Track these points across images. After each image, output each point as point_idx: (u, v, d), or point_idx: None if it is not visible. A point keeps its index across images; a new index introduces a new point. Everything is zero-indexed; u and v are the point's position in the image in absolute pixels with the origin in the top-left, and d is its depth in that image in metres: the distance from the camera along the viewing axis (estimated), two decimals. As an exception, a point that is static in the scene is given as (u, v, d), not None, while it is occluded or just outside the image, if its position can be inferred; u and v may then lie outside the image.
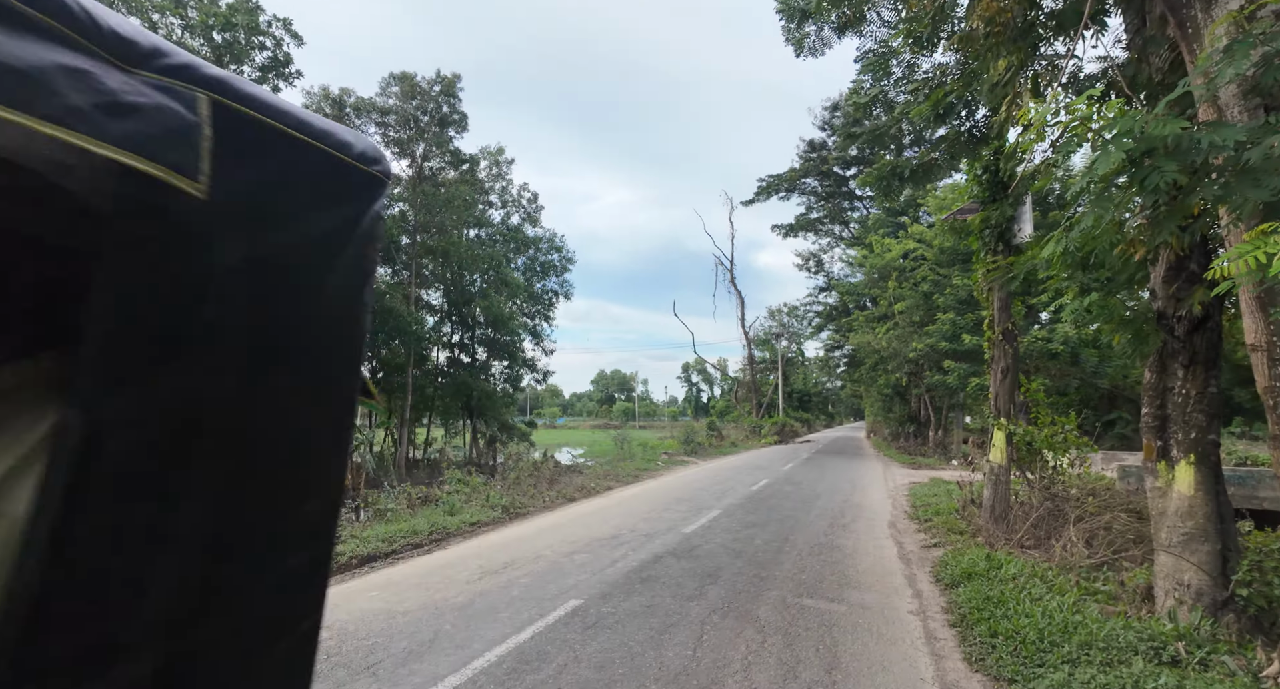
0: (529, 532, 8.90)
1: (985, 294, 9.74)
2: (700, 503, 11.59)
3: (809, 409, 78.13)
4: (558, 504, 11.50)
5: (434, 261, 28.63)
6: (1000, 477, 9.23)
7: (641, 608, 5.29)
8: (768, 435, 41.97)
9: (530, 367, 36.95)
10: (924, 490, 13.86)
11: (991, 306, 9.66)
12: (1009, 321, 9.42)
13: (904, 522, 10.36)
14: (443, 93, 25.49)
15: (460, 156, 26.88)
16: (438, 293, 32.15)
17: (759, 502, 11.94)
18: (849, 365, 48.01)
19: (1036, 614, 4.81)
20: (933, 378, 24.86)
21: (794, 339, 69.82)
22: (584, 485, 13.24)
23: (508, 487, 11.81)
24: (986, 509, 9.29)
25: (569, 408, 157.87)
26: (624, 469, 17.27)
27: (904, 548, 8.36)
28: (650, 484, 15.08)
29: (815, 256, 47.92)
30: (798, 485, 14.90)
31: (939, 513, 10.40)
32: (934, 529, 9.38)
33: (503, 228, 35.12)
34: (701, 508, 10.95)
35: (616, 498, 12.55)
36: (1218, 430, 5.11)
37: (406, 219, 26.08)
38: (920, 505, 11.68)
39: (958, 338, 22.96)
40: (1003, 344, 9.43)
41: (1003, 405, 9.42)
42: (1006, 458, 9.27)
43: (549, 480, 13.07)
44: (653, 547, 7.71)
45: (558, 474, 14.79)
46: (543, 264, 37.39)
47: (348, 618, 5.12)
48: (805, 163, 40.83)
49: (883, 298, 31.19)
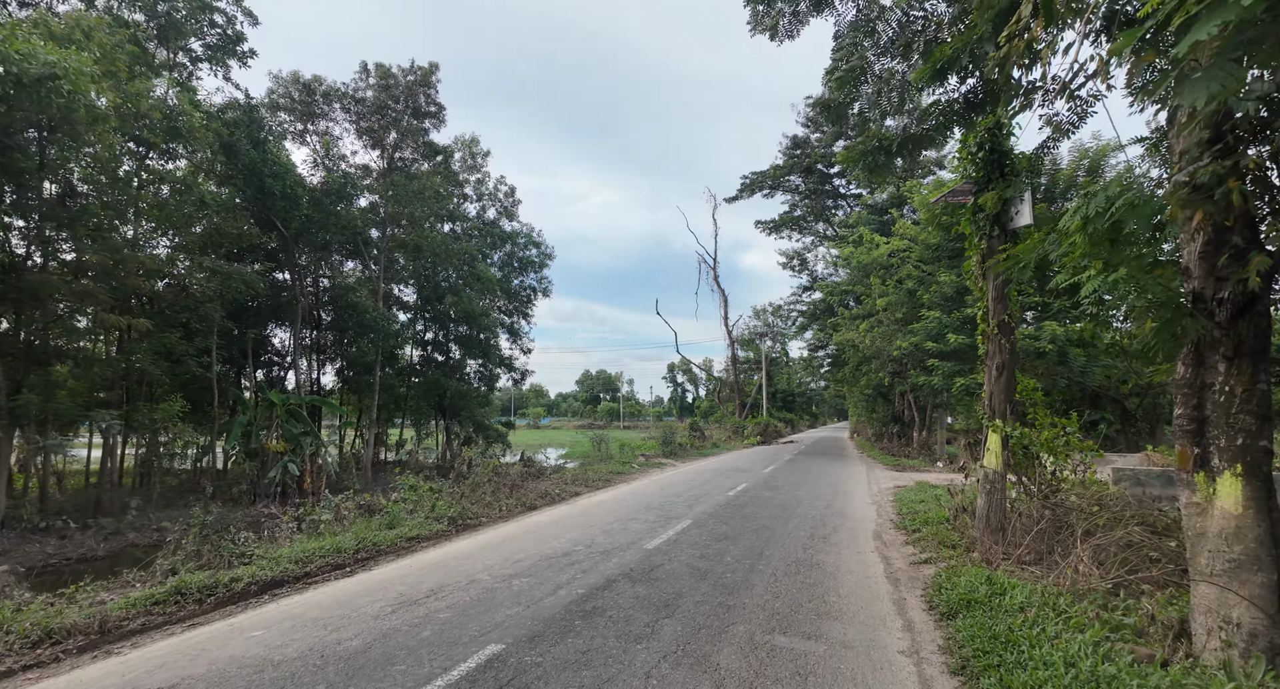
0: (472, 548, 7.90)
1: (979, 284, 8.90)
2: (671, 511, 10.64)
3: (793, 409, 77.68)
4: (515, 513, 10.51)
5: (405, 256, 27.43)
6: (995, 483, 8.39)
7: (575, 655, 4.32)
8: (750, 436, 41.21)
9: (508, 365, 35.84)
10: (910, 495, 13.05)
11: (986, 297, 8.82)
12: (1005, 314, 8.57)
13: (890, 532, 9.49)
14: (418, 83, 24.31)
15: (434, 148, 25.69)
16: (411, 289, 31.00)
17: (735, 509, 11.03)
18: (832, 365, 47.45)
19: (1059, 662, 3.91)
20: (917, 377, 24.16)
21: (778, 339, 69.37)
22: (548, 491, 12.25)
23: (461, 494, 10.77)
24: (981, 519, 8.45)
25: (554, 408, 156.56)
26: (596, 472, 16.29)
27: (891, 564, 7.48)
28: (622, 489, 14.12)
29: (799, 255, 47.20)
30: (777, 490, 14.03)
31: (928, 522, 9.55)
32: (924, 541, 8.52)
33: (478, 222, 33.99)
34: (671, 517, 10.00)
35: (582, 505, 11.57)
36: (1270, 435, 4.25)
37: (376, 211, 24.90)
38: (907, 512, 10.84)
39: (943, 337, 22.26)
40: (999, 338, 8.59)
41: (998, 405, 8.58)
42: (1002, 463, 8.43)
43: (511, 486, 12.06)
44: (607, 567, 6.74)
45: (523, 479, 13.78)
46: (520, 260, 36.30)
47: (206, 672, 4.09)
48: (789, 159, 40.14)
49: (866, 297, 30.53)
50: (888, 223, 31.40)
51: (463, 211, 33.16)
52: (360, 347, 25.42)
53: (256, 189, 19.56)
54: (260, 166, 19.05)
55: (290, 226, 21.06)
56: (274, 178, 19.41)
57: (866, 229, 29.53)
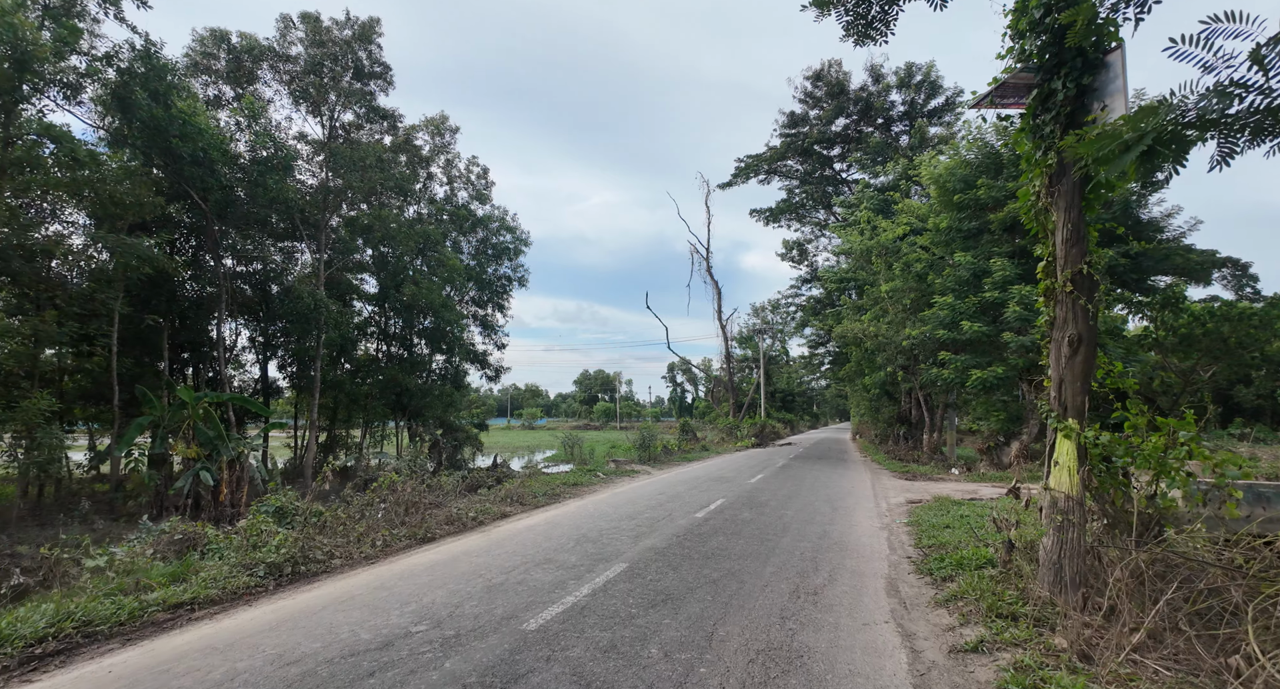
0: (255, 624, 5.09)
1: (1043, 219, 6.08)
2: (607, 546, 7.83)
3: (792, 409, 74.84)
4: (395, 549, 7.72)
5: (353, 236, 24.63)
6: (1071, 514, 5.60)
7: None
8: (745, 438, 38.39)
9: (481, 361, 33.04)
10: (930, 516, 10.23)
11: (1052, 239, 6.01)
12: (1084, 261, 5.76)
13: (911, 580, 6.68)
14: (357, 38, 21.51)
15: (382, 112, 22.86)
16: (370, 277, 28.21)
17: (697, 541, 8.22)
18: (834, 363, 44.67)
19: None
20: (928, 372, 21.32)
21: (777, 337, 66.66)
22: (459, 515, 9.43)
23: (322, 524, 7.95)
24: (1049, 567, 5.66)
25: (553, 409, 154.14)
26: (545, 485, 13.48)
27: (919, 650, 4.68)
28: (566, 508, 11.31)
29: (799, 246, 44.29)
30: (761, 509, 11.22)
31: (963, 565, 6.74)
32: (964, 602, 5.71)
33: (447, 205, 31.21)
34: (601, 558, 7.20)
35: (498, 534, 8.78)
36: None
37: (327, 189, 22.04)
38: (931, 545, 8.03)
39: (956, 325, 19.42)
40: (1073, 299, 5.78)
41: (1072, 398, 5.78)
42: (1080, 483, 5.64)
43: (407, 508, 9.24)
44: (432, 679, 3.95)
45: (442, 497, 10.99)
46: (494, 247, 33.49)
47: None
48: (786, 140, 37.27)
49: (870, 286, 27.69)
50: (891, 204, 28.61)
51: (429, 193, 30.41)
52: (307, 340, 22.63)
53: (161, 152, 16.80)
54: (165, 125, 16.28)
55: (210, 199, 18.29)
56: (182, 139, 16.64)
57: (869, 211, 26.68)
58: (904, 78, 32.88)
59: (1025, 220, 6.31)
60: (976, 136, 19.95)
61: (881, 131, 34.36)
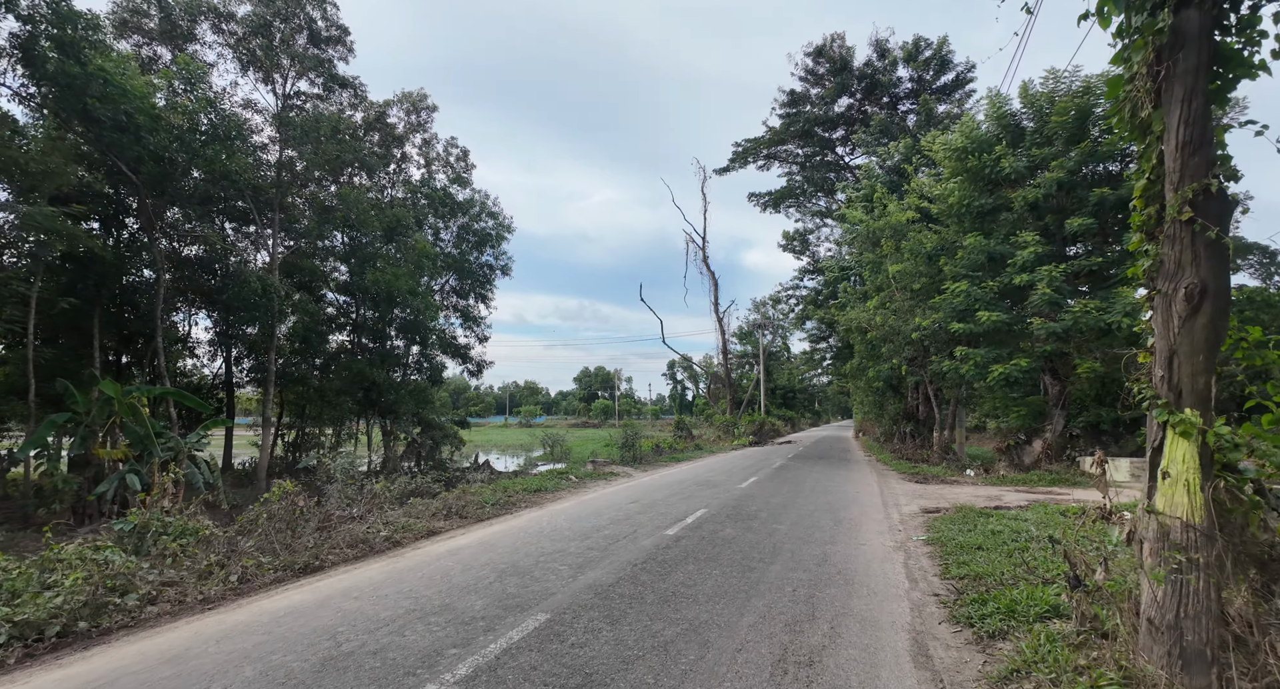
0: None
1: (1136, 116, 4.13)
2: (534, 584, 5.95)
3: (793, 406, 72.96)
4: (252, 587, 5.85)
5: (318, 219, 22.73)
6: (1194, 552, 3.72)
7: None
8: (742, 436, 36.46)
9: (461, 354, 31.16)
10: (954, 531, 8.33)
11: (1156, 148, 4.07)
12: (1212, 172, 3.84)
13: (945, 636, 4.79)
14: (310, -3, 19.57)
15: (341, 80, 20.94)
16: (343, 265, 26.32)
17: (658, 573, 6.34)
18: (836, 358, 42.74)
19: None
20: (940, 364, 19.38)
21: (778, 332, 64.77)
22: (366, 536, 7.54)
23: (164, 553, 6.07)
24: (1161, 633, 3.78)
25: (553, 406, 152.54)
26: (489, 494, 11.59)
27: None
28: (513, 523, 9.42)
29: (800, 236, 42.26)
30: (748, 522, 9.33)
31: (1016, 614, 4.86)
32: (1031, 685, 3.81)
33: (423, 188, 29.31)
34: (519, 604, 5.31)
35: (406, 562, 6.90)
36: None
37: (291, 166, 20.14)
38: (964, 578, 6.14)
39: (971, 314, 17.48)
40: (1192, 230, 3.86)
41: (1191, 377, 3.90)
42: (1206, 507, 3.77)
43: (292, 527, 7.34)
44: None
45: (365, 509, 9.12)
46: (476, 234, 31.60)
47: None
48: (785, 121, 35.23)
49: (869, 275, 25.73)
50: (898, 187, 26.64)
51: (404, 175, 28.55)
52: (262, 328, 20.78)
53: (78, 114, 14.92)
54: (81, 84, 14.40)
55: (143, 171, 16.40)
56: (101, 101, 14.76)
57: (881, 187, 24.69)
58: (911, 52, 30.87)
59: (1116, 123, 4.38)
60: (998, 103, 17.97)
61: (887, 111, 32.35)
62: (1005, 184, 18.21)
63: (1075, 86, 17.00)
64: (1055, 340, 16.09)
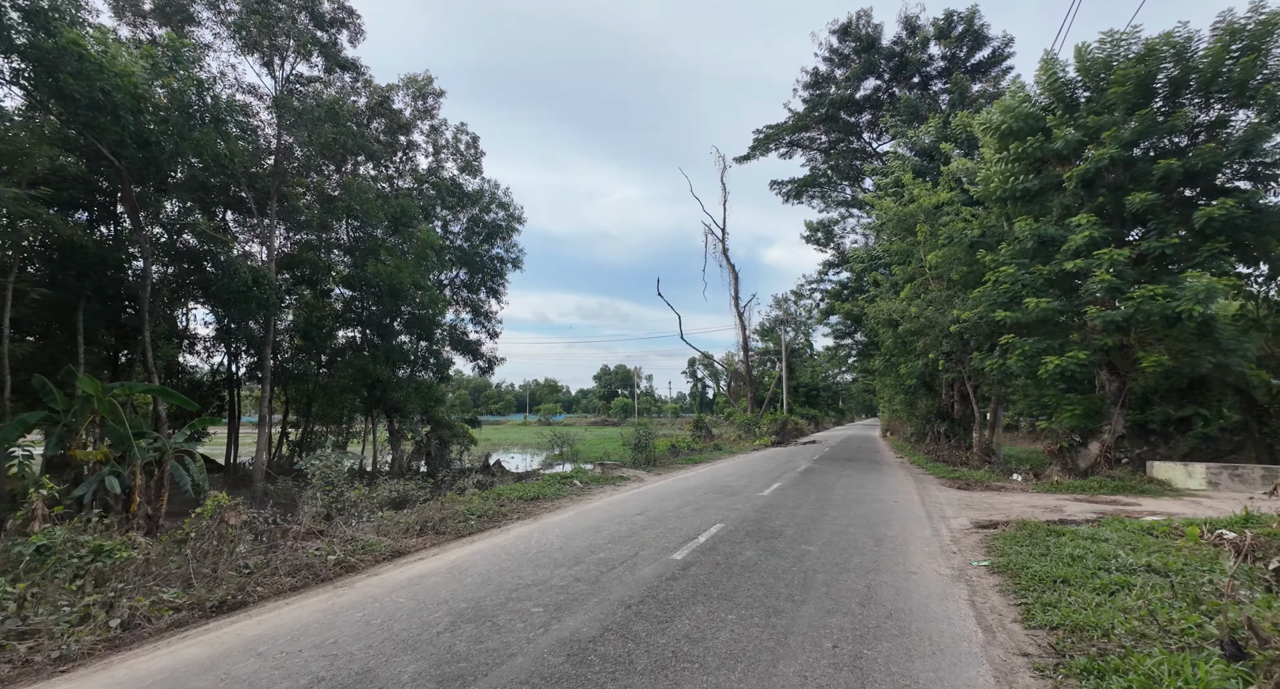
0: None
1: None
2: (490, 639, 4.60)
3: (816, 405, 70.90)
4: (136, 637, 4.61)
5: (321, 209, 21.72)
6: None
7: None
8: (764, 435, 34.84)
9: (471, 350, 30.07)
10: (1024, 556, 6.79)
11: None
12: None
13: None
14: (310, -29, 18.51)
15: (342, 62, 19.85)
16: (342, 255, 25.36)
17: (655, 620, 4.99)
18: (861, 355, 40.90)
19: None
20: (981, 360, 17.67)
21: (800, 329, 62.80)
22: (312, 561, 6.29)
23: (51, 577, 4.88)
24: None
25: (573, 404, 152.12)
26: (476, 505, 10.30)
27: None
28: (496, 541, 8.11)
29: (825, 227, 40.41)
30: (773, 542, 7.90)
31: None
32: None
33: (431, 177, 28.22)
34: (456, 676, 3.98)
35: (350, 597, 5.63)
36: None
37: (289, 154, 19.16)
38: (1060, 628, 4.67)
39: (1018, 301, 15.77)
40: None
41: None
42: None
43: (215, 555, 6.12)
44: None
45: (332, 524, 7.90)
46: (486, 225, 30.47)
47: None
48: (809, 104, 33.46)
49: (897, 267, 23.98)
50: (930, 171, 24.83)
51: (411, 163, 27.50)
52: (249, 323, 19.85)
53: (50, 92, 13.99)
54: (54, 59, 13.45)
55: (125, 154, 15.44)
56: (76, 77, 13.80)
57: (910, 174, 22.95)
58: (944, 28, 28.93)
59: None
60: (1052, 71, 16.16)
61: (918, 91, 30.44)
62: (1056, 161, 16.44)
63: (1136, 50, 15.18)
64: (1115, 331, 14.35)
